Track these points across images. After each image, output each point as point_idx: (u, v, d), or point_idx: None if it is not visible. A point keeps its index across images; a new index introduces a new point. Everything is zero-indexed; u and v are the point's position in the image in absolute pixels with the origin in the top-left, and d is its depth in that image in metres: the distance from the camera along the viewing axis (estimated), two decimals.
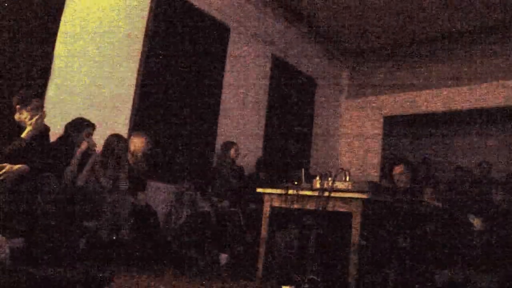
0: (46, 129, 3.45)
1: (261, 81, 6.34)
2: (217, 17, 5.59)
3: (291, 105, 6.93)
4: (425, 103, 7.22)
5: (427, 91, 7.22)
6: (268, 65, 6.48)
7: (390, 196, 4.50)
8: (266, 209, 3.72)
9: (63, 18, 4.01)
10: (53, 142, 3.57)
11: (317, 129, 7.48)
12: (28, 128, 3.13)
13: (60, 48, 3.98)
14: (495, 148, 7.51)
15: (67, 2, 4.05)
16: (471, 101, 6.78)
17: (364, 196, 3.23)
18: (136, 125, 4.59)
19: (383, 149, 7.56)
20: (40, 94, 3.75)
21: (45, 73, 3.88)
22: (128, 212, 3.65)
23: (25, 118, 3.19)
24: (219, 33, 5.64)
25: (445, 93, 7.03)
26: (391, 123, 7.69)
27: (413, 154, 7.60)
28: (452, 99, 6.94)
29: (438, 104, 7.09)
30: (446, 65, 7.06)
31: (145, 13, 4.76)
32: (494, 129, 7.63)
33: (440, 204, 4.79)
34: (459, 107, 6.91)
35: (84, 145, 3.62)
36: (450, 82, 6.97)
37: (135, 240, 3.72)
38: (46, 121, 3.42)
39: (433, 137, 7.98)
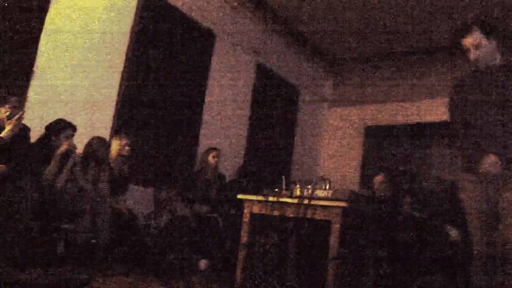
0: (26, 130, 3.42)
1: (245, 88, 6.37)
2: (203, 23, 5.60)
3: (274, 113, 6.97)
4: (406, 115, 7.32)
5: (409, 102, 7.32)
6: (252, 73, 6.50)
7: (369, 205, 4.54)
8: (246, 215, 3.73)
9: (47, 19, 3.99)
10: (32, 143, 3.54)
11: (299, 136, 7.53)
12: (7, 128, 3.10)
13: (43, 49, 3.96)
14: None
15: (52, 3, 4.03)
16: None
17: (343, 204, 3.27)
18: (118, 128, 4.56)
19: (364, 159, 7.63)
20: (22, 94, 3.72)
21: (27, 73, 3.85)
22: (107, 215, 3.63)
23: (4, 117, 3.16)
24: (204, 39, 5.65)
25: (427, 105, 7.14)
26: (373, 133, 7.76)
27: (394, 164, 7.67)
28: (434, 111, 7.04)
29: (420, 115, 7.20)
30: (427, 77, 7.17)
31: (131, 17, 4.75)
32: None
33: (418, 214, 4.86)
34: (440, 119, 7.02)
35: (63, 147, 3.59)
36: (431, 94, 7.08)
37: (114, 244, 3.69)
38: (27, 121, 3.39)
39: (414, 147, 8.08)
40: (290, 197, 3.51)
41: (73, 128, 3.73)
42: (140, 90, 4.84)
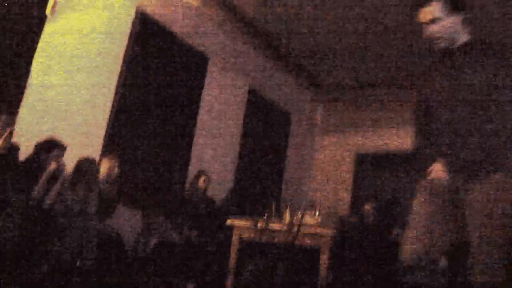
0: (16, 148, 3.39)
1: (237, 111, 6.39)
2: (197, 47, 5.64)
3: (265, 137, 6.98)
4: (398, 142, 7.34)
5: (401, 129, 7.35)
6: (244, 97, 6.53)
7: (359, 232, 4.53)
8: (235, 240, 3.70)
9: (42, 36, 3.99)
10: (21, 161, 3.51)
11: (290, 161, 7.52)
12: None
13: (36, 68, 3.95)
14: None
15: (48, 21, 4.04)
16: None
17: (332, 232, 3.26)
18: (108, 149, 4.54)
19: (355, 186, 7.63)
20: (13, 111, 3.70)
21: (20, 90, 3.83)
22: (94, 237, 3.58)
23: None
24: (198, 62, 5.69)
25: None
26: (364, 160, 7.78)
27: (384, 192, 7.67)
28: None
29: (410, 143, 7.23)
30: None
31: (126, 38, 4.78)
32: None
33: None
34: None
35: (52, 166, 3.55)
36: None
37: (100, 267, 3.63)
38: (17, 139, 3.37)
39: (406, 175, 8.09)
40: (280, 223, 3.49)
41: (63, 147, 3.70)
42: (132, 111, 4.83)
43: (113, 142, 4.61)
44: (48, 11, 3.99)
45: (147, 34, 4.99)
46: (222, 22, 5.97)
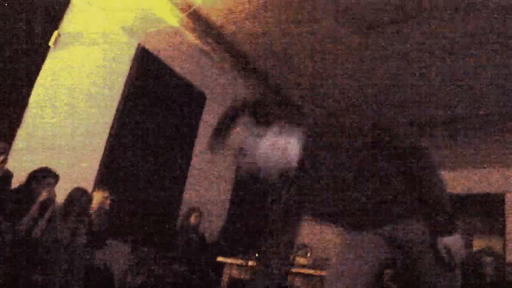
0: (9, 175, 3.37)
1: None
2: (194, 84, 5.71)
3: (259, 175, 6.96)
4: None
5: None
6: None
7: None
8: (225, 278, 3.65)
9: (43, 67, 4.04)
10: (13, 189, 3.48)
11: None
12: None
13: (36, 96, 3.98)
14: None
15: (51, 52, 4.10)
16: None
17: (323, 273, 3.22)
18: (101, 181, 4.52)
19: None
20: (9, 139, 3.70)
21: (17, 119, 3.85)
22: (82, 270, 3.51)
23: None
24: (195, 99, 5.75)
25: None
26: None
27: None
28: None
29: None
30: None
31: (125, 73, 4.84)
32: None
33: (396, 286, 4.79)
34: None
35: (43, 195, 3.52)
36: None
37: None
38: (10, 167, 3.36)
39: None
40: None
41: (55, 177, 3.68)
42: (127, 144, 4.84)
43: (106, 175, 4.60)
44: (51, 42, 4.07)
45: (146, 70, 5.06)
46: (220, 61, 6.07)
